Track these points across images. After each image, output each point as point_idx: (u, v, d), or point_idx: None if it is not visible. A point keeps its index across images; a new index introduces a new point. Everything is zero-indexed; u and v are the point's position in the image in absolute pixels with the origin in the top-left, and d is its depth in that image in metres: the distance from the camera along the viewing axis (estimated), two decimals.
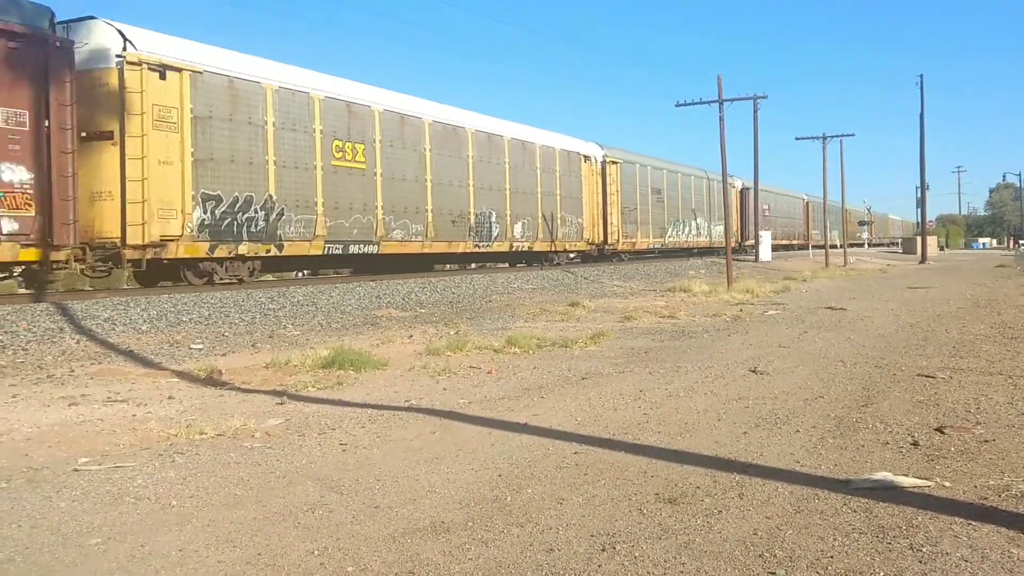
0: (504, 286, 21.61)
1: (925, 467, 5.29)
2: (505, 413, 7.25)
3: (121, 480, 5.29)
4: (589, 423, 6.78)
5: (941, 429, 6.26)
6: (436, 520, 4.46)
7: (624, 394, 8.03)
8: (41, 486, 5.17)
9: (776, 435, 6.24)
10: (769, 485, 4.96)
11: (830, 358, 10.18)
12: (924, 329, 13.27)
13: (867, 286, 26.59)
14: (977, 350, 10.65)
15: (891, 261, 52.04)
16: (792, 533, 4.15)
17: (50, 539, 4.23)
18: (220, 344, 11.87)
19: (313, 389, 8.53)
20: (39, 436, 6.50)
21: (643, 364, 10.01)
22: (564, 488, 4.99)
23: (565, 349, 11.41)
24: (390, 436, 6.45)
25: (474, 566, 3.83)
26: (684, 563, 3.81)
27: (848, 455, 5.63)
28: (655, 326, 14.62)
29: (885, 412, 6.97)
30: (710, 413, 7.08)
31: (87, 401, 7.89)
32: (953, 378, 8.56)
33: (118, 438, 6.43)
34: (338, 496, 4.92)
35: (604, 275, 27.11)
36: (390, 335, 12.93)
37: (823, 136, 44.91)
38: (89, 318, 12.48)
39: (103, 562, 3.93)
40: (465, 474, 5.34)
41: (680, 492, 4.85)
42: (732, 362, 9.97)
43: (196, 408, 7.61)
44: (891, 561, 3.77)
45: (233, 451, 6.01)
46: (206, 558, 3.96)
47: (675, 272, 30.73)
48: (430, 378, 9.21)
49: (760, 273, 32.49)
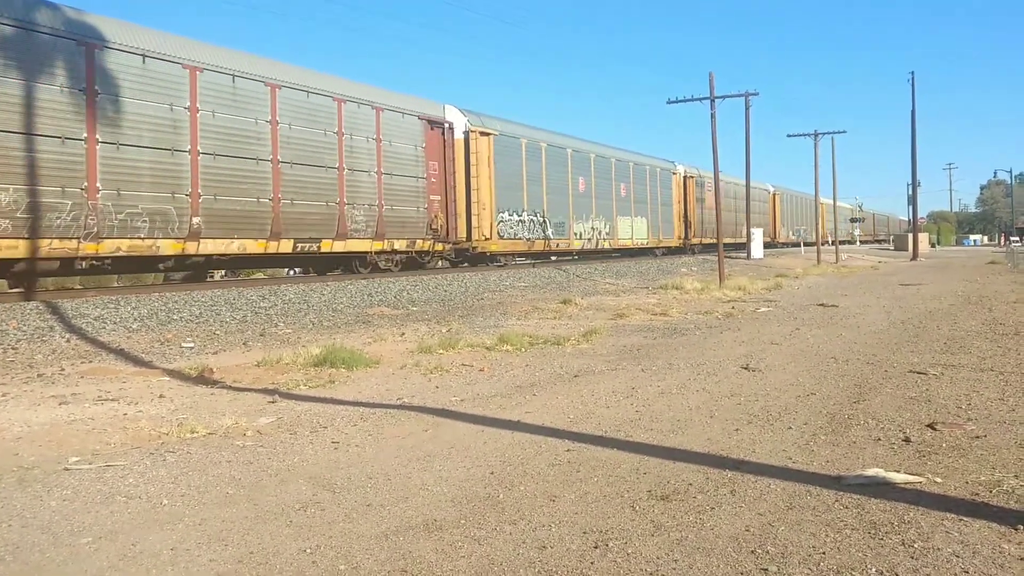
0: (496, 284, 21.60)
1: (917, 463, 5.31)
2: (497, 411, 7.24)
3: (112, 479, 5.26)
4: (581, 420, 6.78)
5: (933, 425, 6.28)
6: (428, 518, 4.45)
7: (616, 391, 8.03)
8: (31, 485, 5.14)
9: (768, 432, 6.25)
10: (761, 482, 4.96)
11: (822, 355, 10.20)
12: (916, 326, 13.31)
13: (859, 283, 26.66)
14: (968, 346, 10.69)
15: (882, 258, 52.18)
16: (784, 529, 4.16)
17: (40, 538, 4.21)
18: (211, 342, 11.83)
19: (305, 387, 8.51)
20: (29, 435, 6.46)
21: (635, 361, 10.01)
22: (557, 485, 4.99)
23: (557, 347, 11.41)
24: (382, 434, 6.44)
25: (467, 564, 3.82)
26: (676, 560, 3.81)
27: (840, 451, 5.64)
28: (647, 323, 14.63)
29: (877, 408, 6.99)
30: (702, 410, 7.08)
31: (77, 400, 7.85)
32: (945, 374, 8.59)
33: (109, 437, 6.40)
34: (330, 494, 4.91)
35: (596, 273, 27.15)
36: (382, 333, 12.90)
37: (815, 133, 44.96)
38: (79, 317, 12.43)
39: (94, 561, 3.91)
40: (457, 472, 5.34)
41: (673, 489, 4.85)
42: (724, 359, 9.99)
43: (187, 407, 7.58)
44: (883, 557, 3.78)
45: (225, 450, 5.99)
46: (198, 557, 3.95)
47: (667, 270, 30.75)
48: (422, 376, 9.20)
49: (752, 270, 32.56)
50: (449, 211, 23.32)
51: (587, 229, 32.13)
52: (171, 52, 15.71)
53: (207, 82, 16.19)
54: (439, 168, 22.93)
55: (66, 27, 13.96)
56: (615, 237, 34.57)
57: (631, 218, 36.23)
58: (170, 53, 15.66)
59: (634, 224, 36.52)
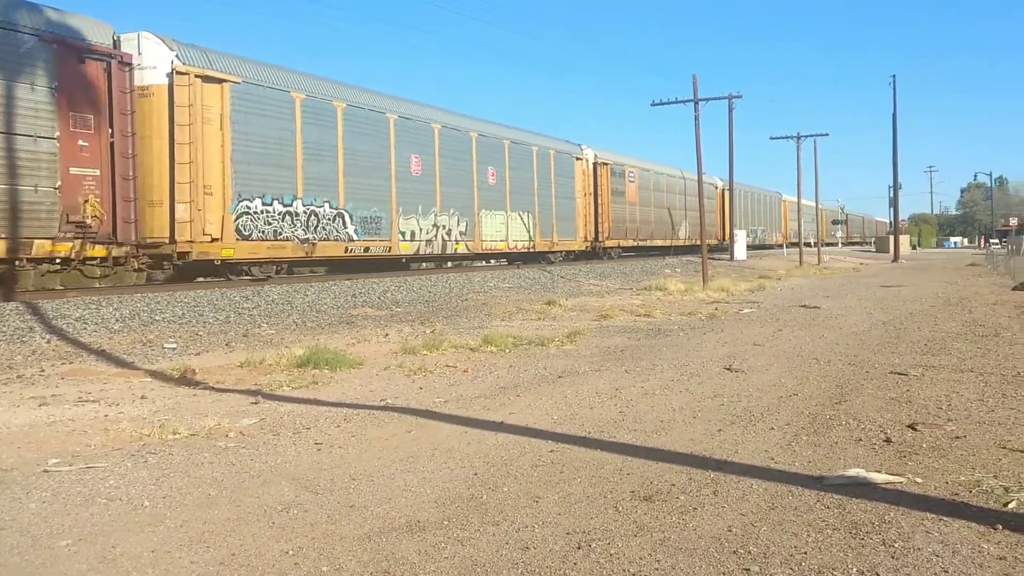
0: (480, 285, 21.60)
1: (897, 463, 5.34)
2: (481, 412, 7.23)
3: (92, 481, 5.22)
4: (565, 421, 6.79)
5: (913, 426, 6.33)
6: (412, 519, 4.44)
7: (600, 392, 8.05)
8: (10, 487, 5.09)
9: (751, 432, 6.28)
10: (744, 482, 4.98)
11: (804, 356, 10.26)
12: (897, 327, 13.41)
13: (840, 285, 26.84)
14: (948, 348, 10.78)
15: (864, 260, 52.58)
16: (766, 530, 4.17)
17: (19, 541, 4.17)
18: (194, 343, 11.76)
19: (288, 388, 8.47)
20: (8, 437, 6.40)
21: (619, 362, 10.03)
22: (540, 486, 4.99)
23: (541, 348, 11.42)
24: (365, 435, 6.42)
25: (450, 565, 3.82)
26: (659, 560, 3.82)
27: (822, 452, 5.67)
28: (631, 324, 14.67)
29: (858, 409, 7.03)
30: (685, 411, 7.11)
31: (58, 401, 7.78)
32: (925, 375, 8.66)
33: (89, 438, 6.35)
34: (313, 495, 4.89)
35: (580, 274, 27.17)
36: (366, 334, 12.87)
37: (798, 136, 45.26)
38: (60, 317, 12.33)
39: (73, 564, 3.88)
40: (441, 473, 5.33)
41: (655, 489, 4.86)
42: (707, 360, 10.03)
43: (169, 408, 7.53)
44: (864, 557, 3.80)
45: (207, 451, 5.95)
46: (179, 559, 3.92)
47: (651, 271, 30.85)
48: (406, 377, 9.18)
49: (735, 272, 32.72)
50: (121, 194, 15.19)
51: (426, 227, 23.57)
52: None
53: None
54: (96, 125, 14.90)
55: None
56: (476, 238, 26.06)
57: (504, 214, 27.71)
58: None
59: (509, 222, 28.07)
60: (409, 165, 23.08)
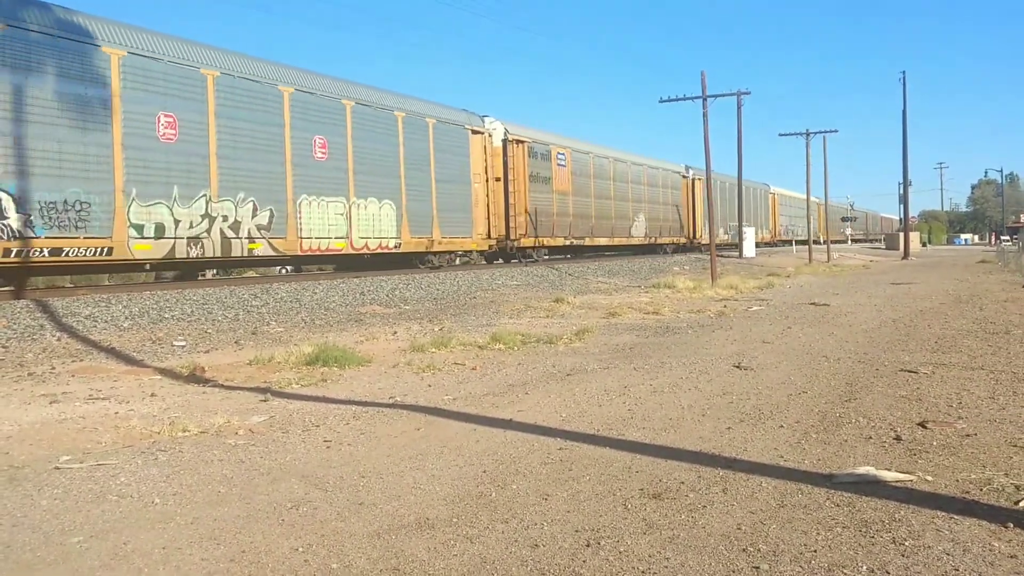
0: (488, 283, 21.60)
1: (908, 461, 5.32)
2: (490, 409, 7.24)
3: (103, 478, 5.24)
4: (574, 419, 6.79)
5: (923, 424, 6.30)
6: (421, 516, 4.45)
7: (609, 390, 8.04)
8: (22, 484, 5.12)
9: (760, 430, 6.26)
10: (753, 480, 4.97)
11: (813, 353, 10.23)
12: (907, 324, 13.35)
13: (850, 282, 26.75)
14: (959, 345, 10.73)
15: (874, 257, 52.37)
16: (776, 527, 4.17)
17: (31, 537, 4.19)
18: (203, 341, 11.80)
19: (297, 386, 8.50)
20: (20, 434, 6.44)
21: (627, 360, 10.02)
22: (549, 484, 4.99)
23: (550, 345, 11.41)
24: (374, 433, 6.44)
25: (459, 562, 3.82)
26: (668, 558, 3.81)
27: (831, 450, 5.66)
28: (639, 322, 14.65)
29: (868, 407, 7.01)
30: (694, 408, 7.10)
31: (68, 399, 7.82)
32: (935, 373, 8.62)
33: (100, 436, 6.38)
34: (322, 493, 4.90)
35: (588, 271, 27.14)
36: (374, 332, 12.89)
37: (807, 132, 45.11)
38: (70, 315, 12.39)
39: (85, 560, 3.90)
40: (450, 470, 5.34)
41: (665, 487, 4.85)
42: (716, 358, 10.01)
43: (179, 405, 7.56)
44: (874, 555, 3.79)
45: (216, 448, 5.98)
46: (189, 556, 3.94)
47: (659, 268, 30.80)
48: (414, 375, 9.19)
49: (744, 269, 32.63)
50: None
51: (190, 217, 16.09)
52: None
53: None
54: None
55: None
56: (291, 234, 18.47)
57: (344, 201, 20.02)
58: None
59: (355, 212, 20.34)
60: (156, 126, 15.45)
